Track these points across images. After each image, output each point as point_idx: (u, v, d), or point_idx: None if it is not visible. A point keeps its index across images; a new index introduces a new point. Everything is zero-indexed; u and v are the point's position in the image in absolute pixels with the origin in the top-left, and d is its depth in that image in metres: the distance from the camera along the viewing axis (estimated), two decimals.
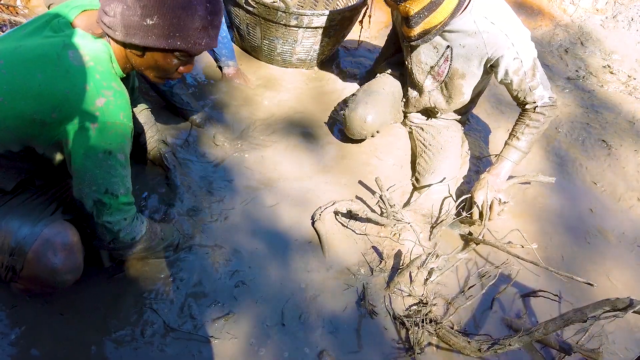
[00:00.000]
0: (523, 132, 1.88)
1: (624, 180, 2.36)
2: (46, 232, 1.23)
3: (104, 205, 1.20)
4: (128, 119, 1.17)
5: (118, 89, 1.16)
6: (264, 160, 2.03)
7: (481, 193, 1.87)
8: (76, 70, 1.10)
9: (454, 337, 1.55)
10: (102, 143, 1.13)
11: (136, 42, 1.13)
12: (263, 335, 1.50)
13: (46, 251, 1.21)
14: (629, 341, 1.77)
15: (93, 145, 1.13)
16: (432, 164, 2.07)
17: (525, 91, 1.83)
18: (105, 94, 1.12)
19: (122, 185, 1.21)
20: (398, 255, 1.82)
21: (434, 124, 2.16)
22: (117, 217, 1.24)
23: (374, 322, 1.62)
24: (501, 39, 1.74)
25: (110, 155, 1.15)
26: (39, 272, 1.22)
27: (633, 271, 2.02)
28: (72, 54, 1.11)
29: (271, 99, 2.30)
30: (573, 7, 3.51)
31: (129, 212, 1.26)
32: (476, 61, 1.83)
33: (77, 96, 1.10)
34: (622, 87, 2.96)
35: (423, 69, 1.95)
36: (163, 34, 1.11)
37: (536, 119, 1.86)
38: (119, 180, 1.19)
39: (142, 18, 1.09)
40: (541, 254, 1.88)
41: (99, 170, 1.15)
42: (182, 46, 1.14)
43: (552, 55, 3.15)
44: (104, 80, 1.13)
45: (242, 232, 1.75)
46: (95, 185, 1.17)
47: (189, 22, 1.11)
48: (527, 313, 1.77)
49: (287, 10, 2.10)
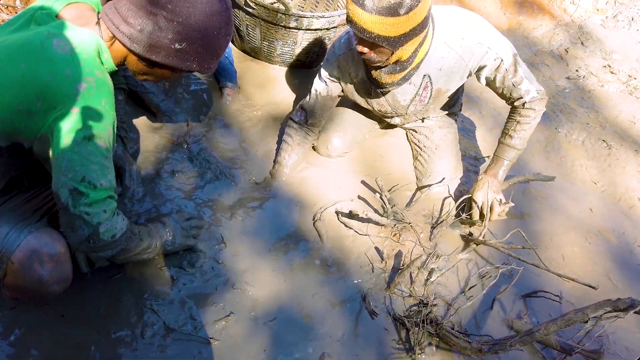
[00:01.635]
0: (515, 129, 1.86)
1: (624, 180, 2.36)
2: (32, 241, 1.19)
3: (81, 194, 1.11)
4: (110, 107, 1.14)
5: (101, 76, 1.13)
6: (264, 160, 2.03)
7: (481, 194, 1.86)
8: (59, 58, 1.08)
9: (455, 338, 1.55)
10: (81, 127, 1.08)
11: (156, 59, 1.17)
12: (263, 337, 1.50)
13: (32, 262, 1.18)
14: (630, 342, 1.76)
15: (72, 129, 1.08)
16: (428, 167, 2.07)
17: (509, 87, 1.78)
18: (87, 79, 1.09)
19: (102, 175, 1.13)
20: (398, 255, 1.82)
21: (426, 124, 2.14)
22: (95, 209, 1.14)
23: (375, 323, 1.62)
24: (477, 49, 1.69)
25: (90, 141, 1.09)
26: (25, 283, 1.20)
27: (634, 271, 2.01)
28: (57, 42, 1.09)
29: (270, 98, 2.30)
30: (573, 6, 3.50)
31: (109, 205, 1.17)
32: (458, 76, 1.78)
33: (58, 82, 1.07)
34: (623, 87, 2.96)
35: (402, 104, 1.89)
36: (184, 59, 1.18)
37: (526, 115, 1.83)
38: (98, 168, 1.12)
39: (172, 42, 1.14)
40: (542, 254, 1.88)
41: (77, 156, 1.09)
42: (196, 68, 1.22)
43: (552, 55, 3.15)
44: (87, 67, 1.11)
45: (242, 233, 1.75)
46: (71, 172, 1.09)
47: (212, 52, 1.20)
48: (528, 313, 1.77)
49: (287, 12, 2.10)
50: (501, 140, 1.91)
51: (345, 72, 1.83)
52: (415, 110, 1.92)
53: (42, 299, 1.32)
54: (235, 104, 2.22)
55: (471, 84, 2.69)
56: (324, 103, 1.92)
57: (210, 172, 1.91)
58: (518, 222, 2.06)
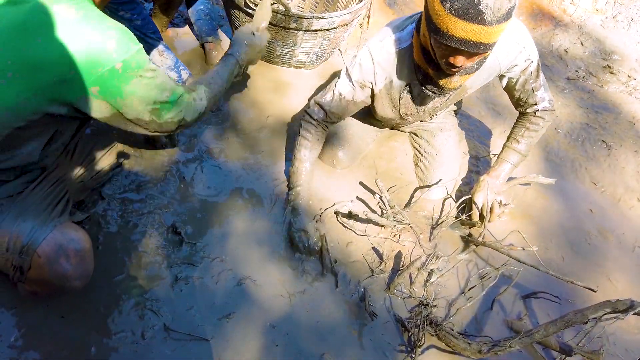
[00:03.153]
0: (523, 135, 1.87)
1: (623, 181, 2.36)
2: (58, 236, 1.23)
3: (158, 110, 1.26)
4: (136, 43, 1.18)
5: (115, 25, 1.16)
6: (264, 160, 2.03)
7: (481, 195, 1.86)
8: (72, 22, 1.10)
9: (455, 339, 1.55)
10: (130, 73, 1.15)
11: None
12: (263, 337, 1.51)
13: (59, 257, 1.22)
14: (630, 343, 1.77)
15: (124, 79, 1.15)
16: (428, 173, 2.07)
17: (528, 92, 1.79)
18: (110, 34, 1.12)
19: (164, 89, 1.25)
20: (398, 256, 1.82)
21: (427, 127, 2.13)
22: (174, 112, 1.30)
23: (374, 324, 1.62)
24: (513, 48, 1.66)
25: (142, 77, 1.18)
26: (49, 277, 1.23)
27: (633, 272, 2.02)
28: (58, 9, 1.10)
29: (269, 99, 2.31)
30: (573, 7, 3.50)
31: (180, 104, 1.31)
32: (486, 74, 1.74)
33: (87, 48, 1.10)
34: (622, 88, 2.96)
35: (428, 106, 1.84)
36: None
37: (536, 123, 1.84)
38: (159, 90, 1.23)
39: None
40: (542, 255, 1.88)
41: (139, 94, 1.19)
42: None
43: (551, 55, 3.15)
44: (101, 23, 1.13)
45: (242, 233, 1.75)
46: (142, 104, 1.22)
47: None
48: (528, 314, 1.77)
49: (287, 13, 2.10)
50: (507, 144, 1.91)
51: (382, 78, 1.74)
52: (433, 106, 1.86)
53: (62, 294, 1.34)
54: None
55: None
56: (346, 107, 1.83)
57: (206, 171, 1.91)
58: (518, 223, 2.06)
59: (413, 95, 1.77)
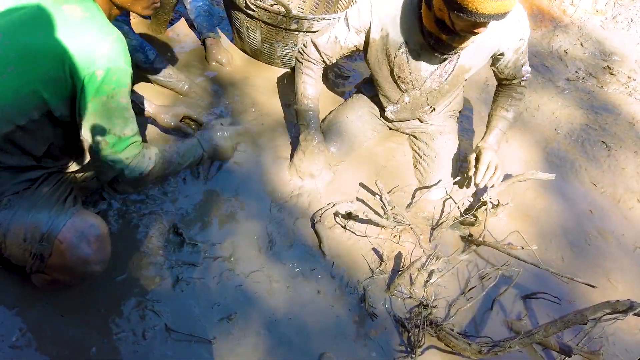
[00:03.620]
0: (511, 104, 1.96)
1: (623, 182, 2.37)
2: (78, 222, 1.28)
3: (107, 144, 1.28)
4: (128, 64, 1.22)
5: (117, 34, 1.21)
6: (263, 160, 2.03)
7: (486, 154, 1.88)
8: (75, 21, 1.15)
9: (455, 339, 1.56)
10: (105, 87, 1.18)
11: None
12: (264, 337, 1.51)
13: (80, 242, 1.26)
14: (630, 343, 1.77)
15: (98, 90, 1.18)
16: (427, 175, 2.07)
17: (517, 68, 1.87)
18: (107, 39, 1.17)
19: (125, 125, 1.28)
20: (398, 257, 1.82)
21: (426, 130, 2.14)
22: (119, 156, 1.33)
23: (375, 324, 1.62)
24: (514, 27, 1.70)
25: (113, 98, 1.21)
26: (72, 262, 1.26)
27: (633, 273, 2.02)
28: (66, 8, 1.16)
29: (269, 99, 2.31)
30: (573, 8, 3.51)
31: (132, 151, 1.35)
32: (485, 54, 1.78)
33: (82, 47, 1.14)
34: (622, 88, 2.96)
35: (422, 75, 1.85)
36: None
37: (521, 92, 1.96)
38: (121, 122, 1.27)
39: None
40: (541, 255, 1.89)
41: (102, 113, 1.22)
42: None
43: (551, 56, 3.16)
44: (103, 27, 1.18)
45: (243, 233, 1.76)
46: (98, 126, 1.24)
47: None
48: (528, 315, 1.77)
49: (288, 15, 2.11)
50: (496, 113, 1.99)
51: (377, 28, 1.76)
52: (430, 88, 1.88)
53: (82, 279, 1.37)
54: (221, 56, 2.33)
55: (471, 84, 2.69)
56: (339, 51, 1.88)
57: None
58: (518, 223, 2.06)
59: (408, 55, 1.79)
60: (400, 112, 2.05)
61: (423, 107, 2.02)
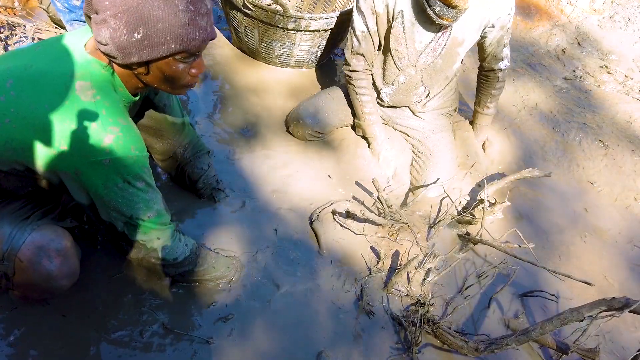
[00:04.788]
0: (491, 100, 2.15)
1: (620, 180, 2.37)
2: (37, 238, 1.22)
3: (134, 226, 1.24)
4: (140, 150, 1.18)
5: (124, 123, 1.16)
6: (261, 161, 2.04)
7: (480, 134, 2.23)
8: (82, 105, 1.10)
9: (452, 337, 1.56)
10: (118, 175, 1.15)
11: (135, 60, 1.10)
12: (262, 336, 1.51)
13: (41, 258, 1.21)
14: (627, 340, 1.78)
15: (110, 177, 1.14)
16: (423, 173, 2.09)
17: (500, 47, 1.95)
18: (112, 130, 1.12)
19: (148, 209, 1.23)
20: (396, 255, 1.83)
21: (419, 127, 2.15)
22: (150, 236, 1.28)
23: (372, 322, 1.63)
24: (506, 1, 1.78)
25: (129, 184, 1.17)
26: (35, 279, 1.22)
27: (629, 271, 2.03)
28: (79, 86, 1.11)
29: (267, 99, 2.31)
30: (570, 7, 3.52)
31: (163, 232, 1.30)
32: (476, 25, 1.83)
33: (84, 134, 1.10)
34: (619, 87, 2.97)
35: (417, 48, 1.88)
36: (155, 43, 1.08)
37: (500, 87, 2.11)
38: (142, 205, 1.22)
39: (130, 35, 1.06)
40: (538, 253, 1.89)
41: (121, 199, 1.18)
42: (178, 48, 1.10)
43: (549, 55, 3.16)
44: (110, 116, 1.13)
45: (239, 234, 1.76)
46: (120, 212, 1.21)
47: (173, 21, 1.06)
48: (525, 313, 1.78)
49: (285, 14, 2.11)
50: (479, 110, 2.21)
51: (381, 1, 1.81)
52: (424, 64, 1.92)
53: (52, 295, 1.34)
54: None
55: (467, 82, 2.70)
56: (373, 40, 1.91)
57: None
58: (515, 221, 2.07)
59: (404, 25, 1.82)
60: (395, 94, 2.07)
61: (418, 87, 2.04)
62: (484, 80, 2.13)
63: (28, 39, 2.21)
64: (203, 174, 1.76)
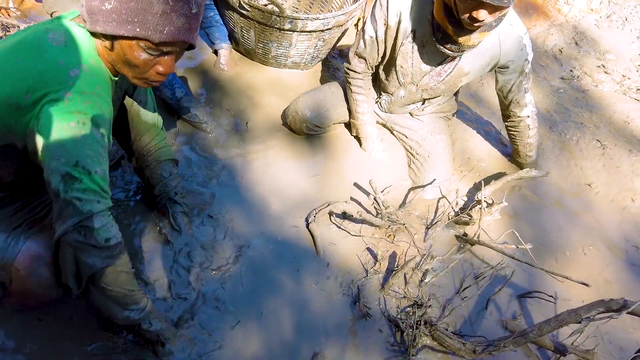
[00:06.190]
0: (530, 149, 2.13)
1: (617, 180, 2.36)
2: (33, 246, 1.20)
3: (74, 179, 1.05)
4: (107, 95, 1.11)
5: (95, 65, 1.11)
6: (259, 161, 2.03)
7: None
8: (53, 49, 1.07)
9: (449, 339, 1.55)
10: (75, 111, 1.05)
11: (99, 29, 1.07)
12: (257, 337, 1.50)
13: (37, 267, 1.20)
14: (625, 341, 1.77)
15: (66, 114, 1.04)
16: (421, 175, 2.08)
17: (522, 92, 1.90)
18: (81, 66, 1.07)
19: (98, 163, 1.08)
20: (393, 256, 1.82)
21: (417, 129, 2.14)
22: (88, 196, 1.07)
23: (369, 324, 1.62)
24: (516, 43, 1.75)
25: (84, 125, 1.06)
26: (33, 287, 1.22)
27: (627, 272, 2.02)
28: (52, 35, 1.08)
29: (263, 100, 2.31)
30: (567, 6, 3.51)
31: (103, 197, 1.10)
32: (484, 62, 1.82)
33: (50, 72, 1.05)
34: (617, 87, 2.96)
35: (422, 70, 1.88)
36: (121, 19, 1.04)
37: (534, 135, 2.06)
38: (93, 155, 1.07)
39: (102, 2, 1.04)
40: (536, 254, 1.88)
41: (70, 140, 1.05)
42: (141, 33, 1.05)
43: (546, 55, 3.16)
44: (81, 55, 1.08)
45: (238, 234, 1.75)
46: (64, 156, 1.04)
47: (146, 5, 1.03)
48: (523, 314, 1.77)
49: (281, 14, 2.10)
50: (521, 161, 2.17)
51: (393, 14, 1.79)
52: (427, 85, 1.93)
53: (48, 302, 1.33)
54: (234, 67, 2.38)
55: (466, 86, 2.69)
56: (379, 48, 1.90)
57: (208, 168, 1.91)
58: (512, 222, 2.06)
59: (413, 45, 1.82)
60: (392, 104, 2.09)
61: (415, 103, 2.06)
62: (515, 132, 2.08)
63: None
64: (162, 181, 1.63)
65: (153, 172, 1.62)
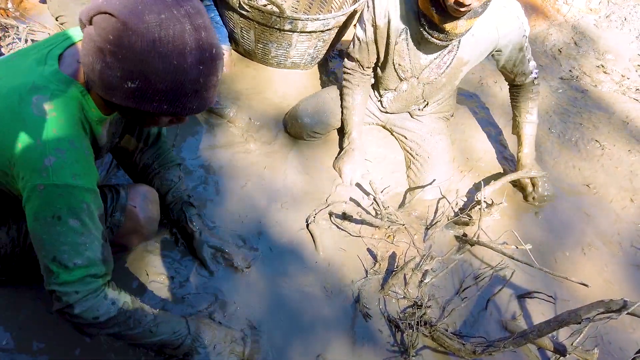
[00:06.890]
0: (532, 106, 2.05)
1: (616, 181, 2.37)
2: (138, 188, 1.39)
3: (52, 272, 1.04)
4: (84, 180, 1.03)
5: (75, 146, 1.02)
6: (258, 161, 2.03)
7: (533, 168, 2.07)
8: (33, 121, 0.98)
9: (449, 340, 1.55)
10: (49, 207, 1.00)
11: (116, 101, 0.99)
12: (259, 339, 1.50)
13: (147, 204, 1.39)
14: (625, 342, 1.77)
15: (40, 209, 1.00)
16: (420, 176, 2.08)
17: (525, 64, 1.93)
18: (57, 152, 0.98)
19: (77, 254, 1.04)
20: (392, 257, 1.82)
21: (417, 130, 2.14)
22: (66, 289, 1.05)
23: (369, 325, 1.62)
24: (514, 22, 1.76)
25: (60, 220, 1.01)
26: (142, 222, 1.38)
27: (626, 272, 2.02)
28: (36, 99, 0.99)
29: (266, 101, 2.30)
30: (567, 6, 3.51)
31: (86, 285, 1.07)
32: (483, 47, 1.82)
33: (26, 152, 0.98)
34: (616, 87, 2.97)
35: (422, 63, 1.88)
36: (147, 98, 0.97)
37: (536, 92, 2.04)
38: (69, 249, 1.03)
39: (123, 80, 0.95)
40: (535, 255, 1.88)
41: (46, 236, 1.02)
42: (169, 110, 0.99)
43: (545, 55, 3.16)
44: (61, 135, 1.00)
45: (237, 235, 1.75)
46: (43, 250, 1.04)
47: (177, 87, 0.96)
48: (522, 314, 1.77)
49: (282, 15, 2.10)
50: (522, 119, 2.09)
51: (381, 15, 1.79)
52: (427, 78, 1.92)
53: (145, 239, 1.51)
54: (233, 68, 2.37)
55: (466, 82, 2.69)
56: (367, 49, 1.91)
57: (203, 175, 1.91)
58: (511, 223, 2.06)
59: (408, 42, 1.81)
60: (394, 101, 2.08)
61: (418, 99, 2.05)
62: (519, 92, 2.06)
63: (21, 40, 2.19)
64: (173, 186, 1.61)
65: (162, 178, 1.60)
